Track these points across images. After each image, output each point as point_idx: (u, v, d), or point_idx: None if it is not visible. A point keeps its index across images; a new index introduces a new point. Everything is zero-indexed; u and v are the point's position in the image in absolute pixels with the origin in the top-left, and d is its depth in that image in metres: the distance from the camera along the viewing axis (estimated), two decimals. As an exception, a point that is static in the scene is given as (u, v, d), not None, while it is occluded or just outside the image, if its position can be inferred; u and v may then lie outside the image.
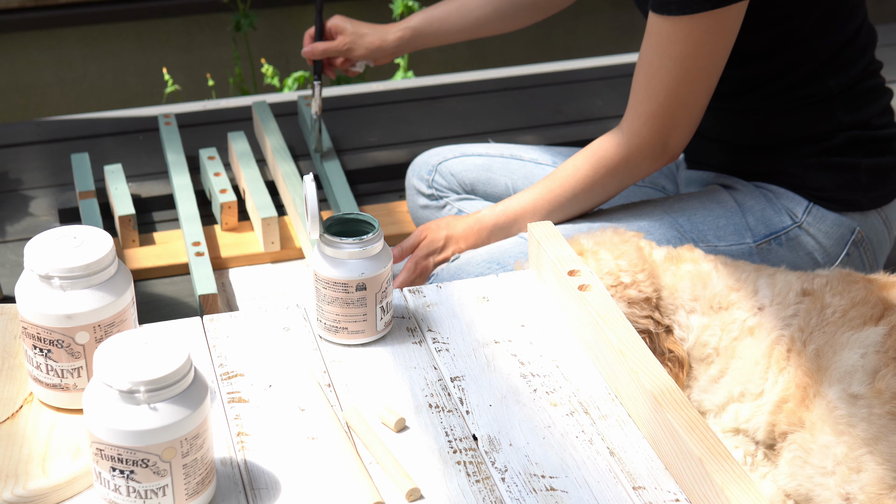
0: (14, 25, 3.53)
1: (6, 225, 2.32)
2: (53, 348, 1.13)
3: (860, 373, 1.36)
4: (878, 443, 1.33)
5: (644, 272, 1.52)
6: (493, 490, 1.09)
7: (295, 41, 3.75)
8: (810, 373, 1.39)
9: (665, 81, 1.62)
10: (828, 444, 1.36)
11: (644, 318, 1.50)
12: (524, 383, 1.23)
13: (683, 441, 1.07)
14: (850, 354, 1.37)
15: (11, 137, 2.61)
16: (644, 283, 1.51)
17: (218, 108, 2.74)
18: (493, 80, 2.89)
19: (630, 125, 1.67)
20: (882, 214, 1.77)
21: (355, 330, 1.27)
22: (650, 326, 1.49)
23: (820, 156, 1.72)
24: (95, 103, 3.63)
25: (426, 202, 2.04)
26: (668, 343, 1.51)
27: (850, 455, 1.34)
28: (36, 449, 1.12)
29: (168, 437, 1.00)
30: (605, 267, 1.51)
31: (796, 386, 1.40)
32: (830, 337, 1.40)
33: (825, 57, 1.69)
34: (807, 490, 1.38)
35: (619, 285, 1.50)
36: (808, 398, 1.39)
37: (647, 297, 1.50)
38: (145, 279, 2.17)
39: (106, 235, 1.15)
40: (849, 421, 1.35)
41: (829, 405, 1.37)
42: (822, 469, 1.37)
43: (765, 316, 1.45)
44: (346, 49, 2.10)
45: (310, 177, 1.24)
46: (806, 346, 1.41)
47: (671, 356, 1.50)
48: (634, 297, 1.50)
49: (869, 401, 1.34)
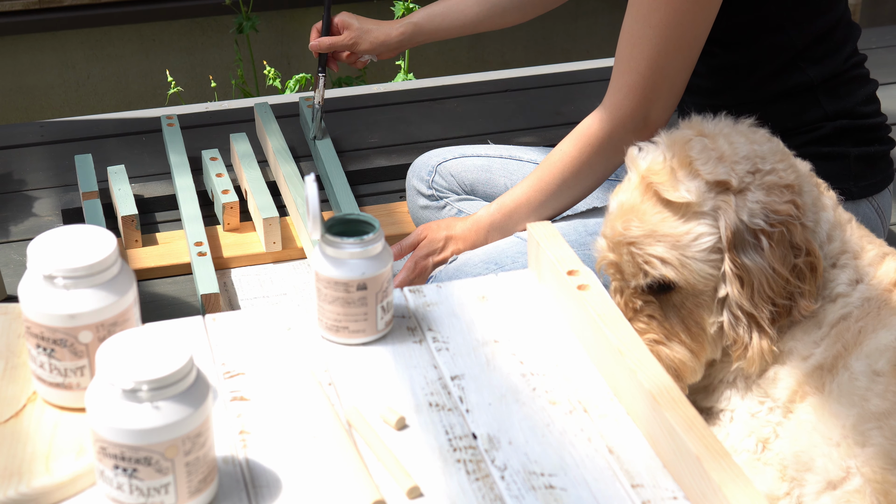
0: (18, 28, 3.54)
1: (10, 225, 2.33)
2: (57, 347, 1.14)
3: (890, 352, 1.36)
4: (889, 418, 1.33)
5: (783, 162, 1.43)
6: (493, 488, 1.09)
7: (297, 43, 3.76)
8: (847, 346, 1.39)
9: (646, 52, 1.61)
10: (838, 414, 1.36)
11: (785, 204, 1.40)
12: (524, 382, 1.23)
13: (681, 439, 1.08)
14: (886, 334, 1.37)
15: (15, 138, 2.62)
16: (784, 171, 1.42)
17: (220, 110, 2.75)
18: (493, 81, 2.89)
19: (612, 99, 1.66)
20: (874, 203, 1.78)
21: (356, 329, 1.28)
22: (792, 212, 1.40)
23: (809, 146, 1.72)
24: (99, 105, 3.64)
25: (426, 203, 2.05)
26: (804, 240, 1.40)
27: (857, 428, 1.34)
28: (39, 447, 1.12)
29: (170, 435, 1.00)
30: (740, 151, 1.42)
31: (832, 356, 1.39)
32: (881, 318, 1.40)
33: (801, 46, 1.70)
34: (808, 458, 1.38)
35: (756, 172, 1.41)
36: (836, 368, 1.39)
37: (789, 184, 1.41)
38: (148, 279, 2.18)
39: (109, 235, 1.15)
40: (863, 395, 1.35)
41: (852, 376, 1.37)
42: (828, 438, 1.36)
43: (854, 291, 1.43)
44: (352, 43, 2.16)
45: (311, 177, 1.24)
46: (857, 322, 1.40)
47: (806, 260, 1.40)
48: (774, 183, 1.41)
49: (888, 379, 1.34)
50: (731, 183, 1.40)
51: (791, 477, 1.40)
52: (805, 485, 1.39)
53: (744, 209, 1.40)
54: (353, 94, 2.84)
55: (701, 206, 1.41)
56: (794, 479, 1.39)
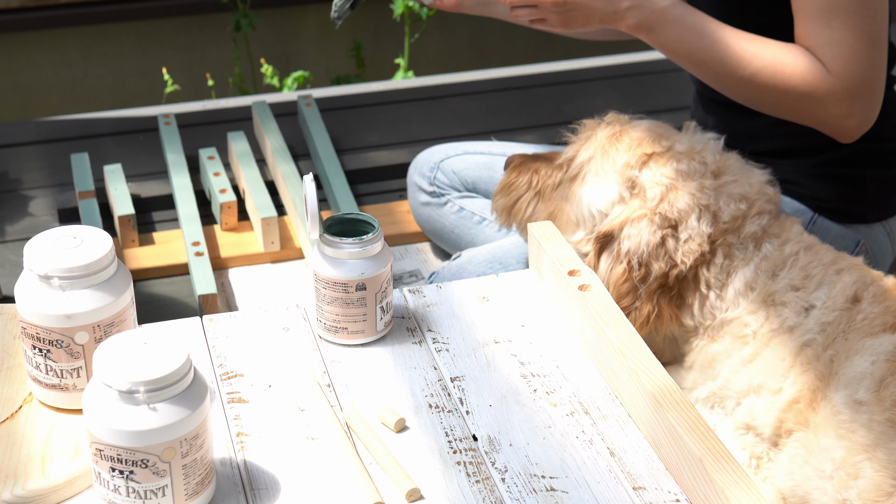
0: (14, 25, 3.53)
1: (6, 225, 2.32)
2: (53, 348, 1.13)
3: (868, 380, 1.36)
4: (877, 449, 1.33)
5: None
6: (494, 490, 1.08)
7: (295, 41, 3.75)
8: (822, 377, 1.39)
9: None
10: (828, 448, 1.36)
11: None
12: (524, 383, 1.23)
13: (684, 441, 1.07)
14: (860, 361, 1.37)
15: (11, 137, 2.61)
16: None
17: (218, 108, 2.75)
18: (494, 79, 2.89)
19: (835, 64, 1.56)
20: (886, 227, 1.76)
21: (355, 330, 1.27)
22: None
23: (826, 166, 1.71)
24: (95, 103, 3.63)
25: (427, 199, 2.05)
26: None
27: (848, 460, 1.34)
28: (35, 449, 1.12)
29: (167, 437, 1.00)
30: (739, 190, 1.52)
31: (808, 388, 1.40)
32: (849, 342, 1.40)
33: None
34: (804, 492, 1.38)
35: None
36: (816, 401, 1.39)
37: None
38: (145, 279, 2.17)
39: (105, 235, 1.15)
40: (850, 426, 1.35)
41: (834, 409, 1.37)
42: (821, 472, 1.37)
43: (809, 318, 1.44)
44: None
45: (309, 177, 1.24)
46: (825, 351, 1.41)
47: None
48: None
49: (871, 408, 1.34)
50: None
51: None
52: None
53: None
54: (353, 92, 2.83)
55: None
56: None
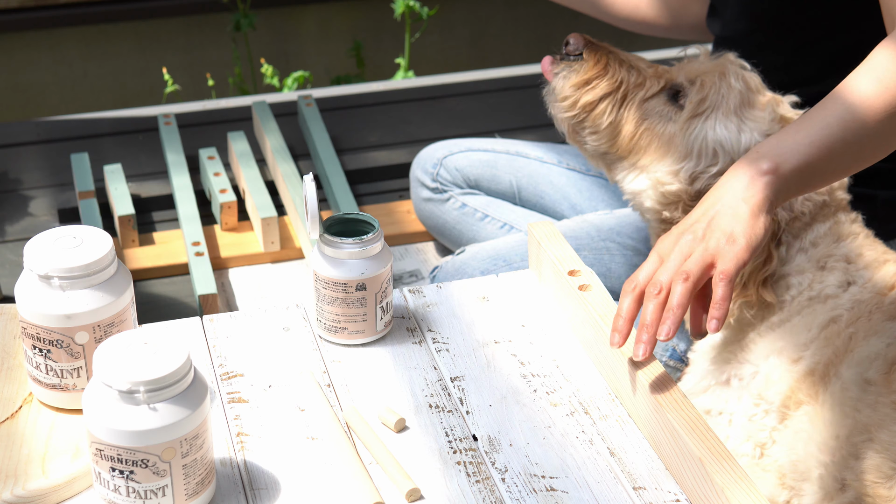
0: (13, 25, 3.53)
1: (6, 225, 2.32)
2: (53, 348, 1.13)
3: (880, 361, 1.35)
4: (881, 430, 1.32)
5: None
6: (494, 490, 1.08)
7: (295, 41, 3.75)
8: (838, 352, 1.39)
9: None
10: (832, 424, 1.35)
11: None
12: (524, 383, 1.23)
13: (684, 441, 1.07)
14: (876, 341, 1.37)
15: (11, 137, 2.61)
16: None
17: (218, 108, 2.74)
18: (494, 79, 2.89)
19: None
20: (893, 246, 1.74)
21: (355, 330, 1.27)
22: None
23: None
24: (95, 103, 3.63)
25: (430, 195, 2.05)
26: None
27: (850, 440, 1.34)
28: (35, 449, 1.11)
29: (168, 437, 1.00)
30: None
31: (824, 362, 1.39)
32: (872, 323, 1.39)
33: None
34: (805, 468, 1.38)
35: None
36: (828, 376, 1.38)
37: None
38: (145, 279, 2.17)
39: (105, 235, 1.15)
40: (855, 405, 1.35)
41: (843, 386, 1.36)
42: (823, 449, 1.36)
43: (846, 293, 1.43)
44: None
45: (309, 177, 1.24)
46: (847, 328, 1.40)
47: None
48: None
49: (878, 388, 1.34)
50: None
51: (790, 486, 1.40)
52: (803, 495, 1.39)
53: None
54: (353, 92, 2.83)
55: None
56: (793, 487, 1.40)
